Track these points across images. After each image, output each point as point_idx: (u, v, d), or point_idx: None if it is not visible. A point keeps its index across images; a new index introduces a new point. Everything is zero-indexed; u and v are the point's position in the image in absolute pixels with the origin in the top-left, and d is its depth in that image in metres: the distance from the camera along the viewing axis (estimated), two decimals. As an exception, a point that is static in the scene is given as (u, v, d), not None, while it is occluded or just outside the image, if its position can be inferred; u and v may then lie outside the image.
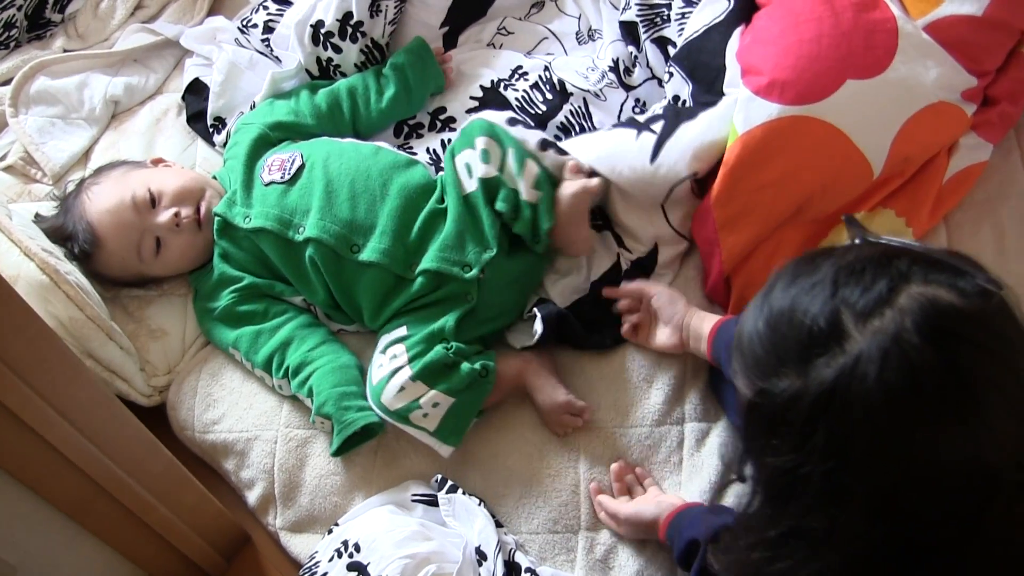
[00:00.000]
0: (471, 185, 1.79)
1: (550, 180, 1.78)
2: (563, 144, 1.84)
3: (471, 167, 1.79)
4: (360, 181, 1.85)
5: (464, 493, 1.74)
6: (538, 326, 1.77)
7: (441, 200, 1.84)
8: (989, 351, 1.04)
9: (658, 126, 1.78)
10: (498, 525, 1.73)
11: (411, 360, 1.73)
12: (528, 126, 1.85)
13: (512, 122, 1.83)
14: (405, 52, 2.12)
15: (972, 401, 1.02)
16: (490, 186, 1.77)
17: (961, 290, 1.04)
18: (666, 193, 1.78)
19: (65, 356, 1.27)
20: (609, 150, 1.79)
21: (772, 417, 1.10)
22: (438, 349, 1.74)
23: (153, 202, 1.92)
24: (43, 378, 1.24)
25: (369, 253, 1.80)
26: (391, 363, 1.74)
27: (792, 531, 1.13)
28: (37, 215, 2.04)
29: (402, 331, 1.78)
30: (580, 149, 1.81)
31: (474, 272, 1.77)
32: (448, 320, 1.77)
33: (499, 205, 1.76)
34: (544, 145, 1.80)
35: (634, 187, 1.78)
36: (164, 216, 1.90)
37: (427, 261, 1.79)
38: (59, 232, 1.96)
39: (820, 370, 1.05)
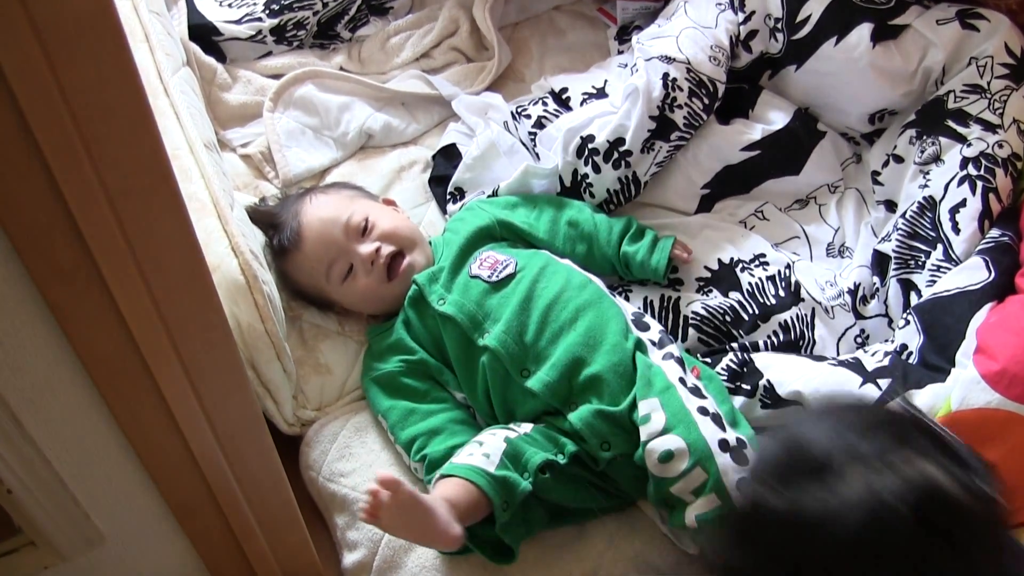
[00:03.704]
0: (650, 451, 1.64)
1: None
2: (772, 359, 1.82)
3: (657, 448, 1.63)
4: (555, 309, 1.81)
5: None
6: None
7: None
8: (959, 553, 1.07)
9: (884, 383, 1.72)
10: None
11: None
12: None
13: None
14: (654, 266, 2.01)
15: None
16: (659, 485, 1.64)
17: (965, 485, 1.08)
18: None
19: (236, 369, 1.26)
20: (826, 386, 1.74)
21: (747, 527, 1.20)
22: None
23: (364, 231, 1.94)
24: (207, 383, 1.23)
25: (534, 382, 1.75)
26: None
27: None
28: (262, 199, 2.11)
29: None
30: (790, 372, 1.78)
31: (607, 455, 1.70)
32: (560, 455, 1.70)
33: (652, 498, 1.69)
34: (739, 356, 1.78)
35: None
36: (366, 247, 1.91)
37: (577, 418, 1.71)
38: (271, 218, 2.01)
39: (805, 499, 1.09)
